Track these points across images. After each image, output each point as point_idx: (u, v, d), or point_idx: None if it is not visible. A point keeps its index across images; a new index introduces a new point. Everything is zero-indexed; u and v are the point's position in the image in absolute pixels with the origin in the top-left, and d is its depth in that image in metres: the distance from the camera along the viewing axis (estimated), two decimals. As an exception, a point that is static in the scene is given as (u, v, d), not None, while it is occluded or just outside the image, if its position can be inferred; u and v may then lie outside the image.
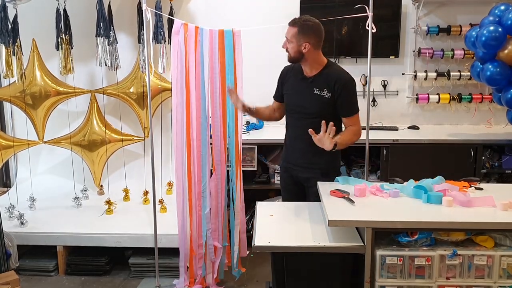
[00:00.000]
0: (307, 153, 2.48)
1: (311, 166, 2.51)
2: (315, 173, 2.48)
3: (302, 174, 2.55)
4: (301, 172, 2.55)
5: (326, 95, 2.40)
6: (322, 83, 2.42)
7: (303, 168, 2.54)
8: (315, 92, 2.42)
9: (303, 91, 2.47)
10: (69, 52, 3.50)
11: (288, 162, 2.63)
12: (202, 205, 2.87)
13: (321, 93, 2.41)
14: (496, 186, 2.61)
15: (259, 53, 3.92)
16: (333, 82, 2.39)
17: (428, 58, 3.91)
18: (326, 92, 2.40)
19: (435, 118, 4.07)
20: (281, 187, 2.75)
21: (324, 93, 2.41)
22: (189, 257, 2.90)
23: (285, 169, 2.68)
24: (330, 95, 2.40)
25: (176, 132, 2.78)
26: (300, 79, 2.49)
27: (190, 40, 2.69)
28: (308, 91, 2.45)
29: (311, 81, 2.45)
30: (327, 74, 2.43)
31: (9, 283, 2.64)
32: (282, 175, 2.73)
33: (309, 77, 2.46)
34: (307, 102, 2.45)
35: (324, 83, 2.41)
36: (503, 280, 1.89)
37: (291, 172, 2.62)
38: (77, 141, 3.70)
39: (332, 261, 2.01)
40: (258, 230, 2.10)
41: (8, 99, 3.54)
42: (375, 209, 2.01)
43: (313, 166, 2.50)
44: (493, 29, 3.03)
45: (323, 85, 2.41)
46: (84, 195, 3.82)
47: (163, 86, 3.69)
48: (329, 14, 2.40)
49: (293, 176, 2.62)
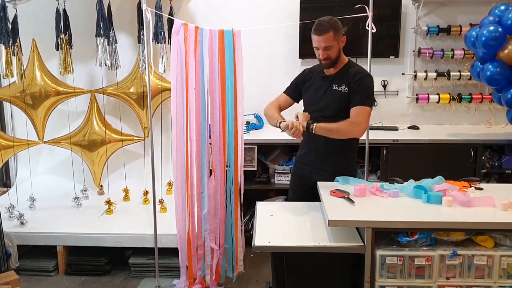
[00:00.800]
0: (322, 155, 2.46)
1: (323, 168, 2.47)
2: (329, 176, 2.43)
3: (315, 177, 2.46)
4: (314, 174, 2.48)
5: (343, 89, 2.39)
6: (341, 79, 2.42)
7: (317, 170, 2.49)
8: (334, 88, 2.42)
9: (322, 89, 2.47)
10: (69, 52, 3.50)
11: (302, 163, 2.59)
12: (201, 206, 2.86)
13: (339, 88, 2.41)
14: (496, 186, 2.61)
15: (259, 53, 3.92)
16: (352, 75, 2.39)
17: (428, 58, 3.91)
18: (343, 87, 2.39)
19: (435, 118, 4.07)
20: (290, 187, 2.71)
21: (342, 87, 2.40)
22: (188, 258, 2.90)
23: (297, 170, 2.64)
24: (347, 89, 2.38)
25: (176, 132, 2.78)
26: (321, 77, 2.49)
27: (190, 40, 2.69)
28: (327, 88, 2.45)
29: (331, 79, 2.44)
30: (347, 70, 2.43)
31: (9, 283, 2.64)
32: (292, 176, 2.70)
33: (330, 75, 2.45)
34: (324, 100, 2.44)
35: (344, 79, 2.41)
36: (503, 280, 1.89)
37: (303, 173, 2.57)
38: (77, 141, 3.70)
39: (332, 261, 2.02)
40: (258, 230, 2.10)
41: (8, 99, 3.54)
42: (375, 209, 2.01)
43: (327, 169, 2.46)
44: (493, 29, 3.03)
45: (342, 81, 2.41)
46: (84, 195, 3.82)
47: (163, 86, 3.69)
48: (329, 14, 2.38)
49: (304, 177, 2.56)
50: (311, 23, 2.39)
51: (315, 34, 2.33)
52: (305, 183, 2.55)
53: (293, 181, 2.70)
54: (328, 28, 2.30)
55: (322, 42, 2.32)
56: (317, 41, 2.33)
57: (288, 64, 3.97)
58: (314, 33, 2.33)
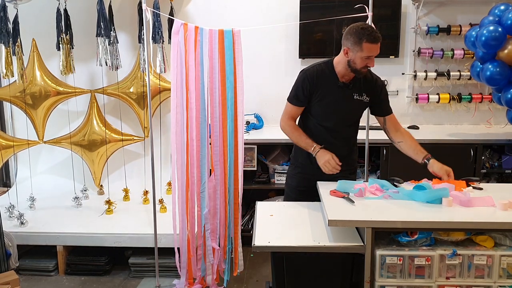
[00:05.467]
0: (342, 159, 2.35)
1: (344, 169, 2.38)
2: (345, 173, 2.41)
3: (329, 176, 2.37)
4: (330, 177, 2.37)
5: (365, 99, 2.40)
6: (360, 87, 2.39)
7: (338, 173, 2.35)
8: (355, 98, 2.39)
9: (342, 99, 2.38)
10: (70, 52, 3.50)
11: (315, 173, 2.41)
12: (201, 206, 2.86)
13: (360, 97, 2.40)
14: (496, 186, 2.61)
15: (259, 53, 3.93)
16: (374, 83, 2.41)
17: (428, 58, 3.91)
18: (365, 97, 2.40)
19: (435, 118, 4.07)
20: (291, 186, 2.60)
21: (363, 97, 2.40)
22: (188, 258, 2.90)
23: (307, 177, 2.49)
24: (368, 99, 2.41)
25: (176, 132, 2.78)
26: (339, 86, 2.37)
27: (190, 40, 2.69)
28: (348, 98, 2.39)
29: (350, 87, 2.38)
30: (366, 78, 2.40)
31: (9, 283, 2.64)
32: (296, 175, 2.56)
33: (348, 83, 2.38)
34: (346, 110, 2.41)
35: (362, 87, 2.39)
36: (503, 280, 1.89)
37: (317, 177, 2.42)
38: (77, 141, 3.71)
39: (332, 261, 2.02)
40: (258, 230, 2.10)
41: (8, 99, 3.54)
42: (375, 209, 2.01)
43: (346, 169, 2.44)
44: (493, 29, 3.03)
45: (361, 90, 2.39)
46: (84, 195, 3.82)
47: (162, 86, 3.69)
48: (329, 14, 2.39)
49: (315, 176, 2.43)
50: (311, 23, 2.38)
51: (373, 43, 2.22)
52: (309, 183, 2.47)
53: (296, 180, 2.57)
54: (380, 36, 2.25)
55: (377, 50, 2.26)
56: (375, 49, 2.25)
57: (288, 64, 3.97)
58: (372, 42, 2.22)
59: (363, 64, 2.27)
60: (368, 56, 2.25)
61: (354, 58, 2.26)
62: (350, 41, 2.25)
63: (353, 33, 2.24)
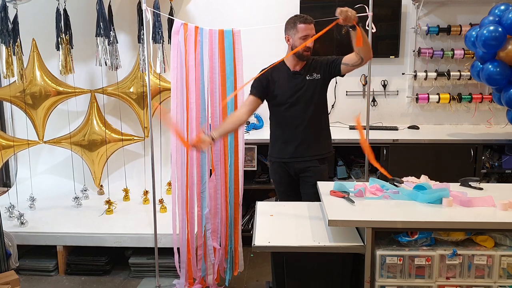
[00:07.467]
0: (303, 145, 2.60)
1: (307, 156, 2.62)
2: (313, 162, 2.61)
3: (299, 166, 2.64)
4: (298, 163, 2.64)
5: (316, 77, 2.57)
6: (310, 70, 2.59)
7: (301, 159, 2.63)
8: (307, 79, 2.58)
9: (296, 83, 2.58)
10: (69, 52, 3.50)
11: (283, 157, 2.69)
12: (202, 206, 2.86)
13: (311, 77, 2.57)
14: (496, 186, 2.60)
15: (259, 53, 3.92)
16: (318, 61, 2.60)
17: (428, 58, 3.91)
18: (315, 75, 2.58)
19: (435, 118, 4.07)
20: (275, 181, 2.81)
21: (314, 76, 2.58)
22: (187, 259, 2.89)
23: (279, 164, 2.73)
24: (319, 75, 2.58)
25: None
26: (291, 75, 2.59)
27: (190, 40, 2.69)
28: (302, 81, 2.58)
29: (302, 73, 2.58)
30: (310, 63, 2.59)
31: (9, 283, 2.64)
32: (276, 170, 2.76)
33: (299, 71, 2.59)
34: (303, 91, 2.57)
35: (311, 69, 2.59)
36: (503, 280, 1.89)
37: (287, 165, 2.69)
38: (77, 141, 3.70)
39: (332, 261, 2.02)
40: (258, 230, 2.10)
41: (8, 99, 3.54)
42: (375, 209, 2.01)
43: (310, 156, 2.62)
44: (493, 29, 3.03)
45: (310, 71, 2.58)
46: (84, 195, 3.82)
47: (162, 86, 3.69)
48: (329, 14, 2.38)
49: (289, 168, 2.69)
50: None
51: (305, 23, 2.47)
52: (289, 174, 2.72)
53: (278, 174, 2.75)
54: (311, 18, 2.50)
55: (312, 30, 2.48)
56: (310, 29, 2.47)
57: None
58: (305, 22, 2.47)
59: (302, 44, 2.45)
60: (304, 36, 2.46)
61: (294, 41, 2.51)
62: (288, 29, 2.55)
63: (289, 21, 2.55)
